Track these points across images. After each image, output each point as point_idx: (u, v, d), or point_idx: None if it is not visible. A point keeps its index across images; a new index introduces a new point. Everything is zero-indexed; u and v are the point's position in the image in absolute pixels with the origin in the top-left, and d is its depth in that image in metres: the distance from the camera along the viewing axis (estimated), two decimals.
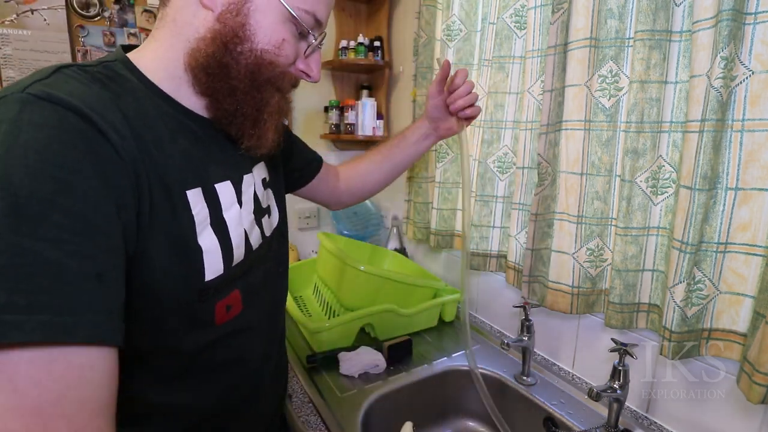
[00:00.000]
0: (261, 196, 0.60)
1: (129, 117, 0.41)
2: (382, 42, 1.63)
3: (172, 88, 0.48)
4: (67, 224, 0.33)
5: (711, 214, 0.65)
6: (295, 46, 0.52)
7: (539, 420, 0.87)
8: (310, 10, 0.50)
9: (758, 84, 0.60)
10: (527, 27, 0.96)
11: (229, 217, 0.51)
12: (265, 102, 0.51)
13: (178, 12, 0.48)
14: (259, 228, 0.59)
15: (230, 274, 0.52)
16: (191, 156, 0.48)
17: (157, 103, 0.47)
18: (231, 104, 0.49)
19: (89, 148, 0.36)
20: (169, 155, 0.45)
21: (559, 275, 0.88)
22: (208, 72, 0.47)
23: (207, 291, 0.48)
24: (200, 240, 0.46)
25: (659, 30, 0.72)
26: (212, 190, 0.49)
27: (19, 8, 1.26)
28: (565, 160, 0.85)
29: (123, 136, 0.39)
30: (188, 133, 0.49)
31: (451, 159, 1.24)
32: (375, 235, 1.78)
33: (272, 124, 0.52)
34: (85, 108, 0.36)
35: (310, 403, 0.88)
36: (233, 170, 0.53)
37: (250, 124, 0.51)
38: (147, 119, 0.44)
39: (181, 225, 0.45)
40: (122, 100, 0.42)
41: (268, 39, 0.48)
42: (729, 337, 0.67)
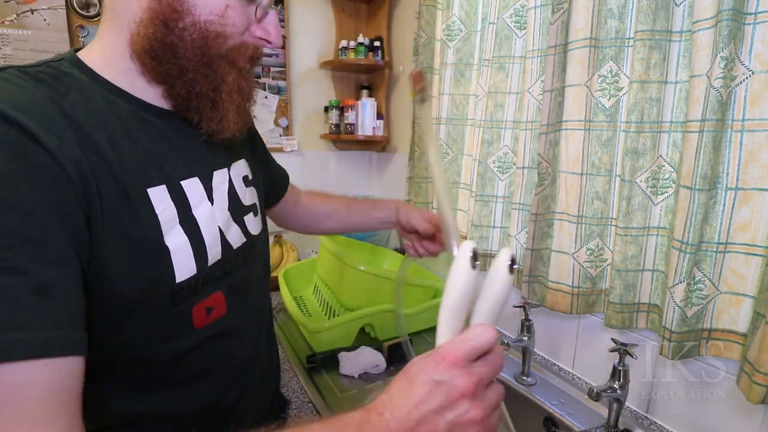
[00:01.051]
0: (242, 194, 0.57)
1: (75, 117, 0.39)
2: (382, 42, 1.64)
3: (126, 82, 0.45)
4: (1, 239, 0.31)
5: (711, 214, 0.65)
6: (242, 11, 0.47)
7: (539, 420, 0.87)
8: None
9: (758, 84, 0.60)
10: (527, 27, 0.96)
11: (199, 215, 0.48)
12: (221, 79, 0.47)
13: (115, 1, 0.45)
14: (240, 226, 0.56)
15: (208, 275, 0.49)
16: (153, 153, 0.45)
17: (111, 99, 0.44)
18: (183, 86, 0.46)
19: (21, 159, 0.33)
20: (128, 153, 0.42)
21: (559, 275, 0.88)
22: (152, 55, 0.44)
23: (180, 293, 0.46)
24: (167, 240, 0.44)
25: (659, 30, 0.72)
26: (178, 187, 0.46)
27: (19, 8, 1.26)
28: (565, 160, 0.85)
29: (61, 139, 0.36)
30: (149, 128, 0.46)
31: (451, 159, 1.25)
32: (375, 235, 1.78)
33: (232, 105, 0.49)
34: (16, 114, 0.34)
35: (310, 403, 0.88)
36: (201, 166, 0.50)
37: (208, 106, 0.48)
38: (99, 117, 0.41)
39: (143, 226, 0.42)
40: (68, 99, 0.40)
41: (209, 8, 0.44)
42: (729, 337, 0.67)
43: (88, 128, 0.39)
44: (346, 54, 1.63)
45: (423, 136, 0.41)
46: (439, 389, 0.32)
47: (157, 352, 0.46)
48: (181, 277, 0.45)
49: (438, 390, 0.32)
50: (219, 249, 0.51)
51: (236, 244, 0.54)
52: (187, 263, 0.46)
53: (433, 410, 0.32)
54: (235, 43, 0.47)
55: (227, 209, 0.53)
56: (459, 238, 0.41)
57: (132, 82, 0.46)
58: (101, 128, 0.41)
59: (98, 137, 0.40)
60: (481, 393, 0.33)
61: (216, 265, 0.50)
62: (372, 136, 1.66)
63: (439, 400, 0.32)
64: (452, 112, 1.23)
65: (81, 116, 0.39)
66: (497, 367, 0.35)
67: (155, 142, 0.46)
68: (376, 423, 0.33)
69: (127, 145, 0.42)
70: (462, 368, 0.33)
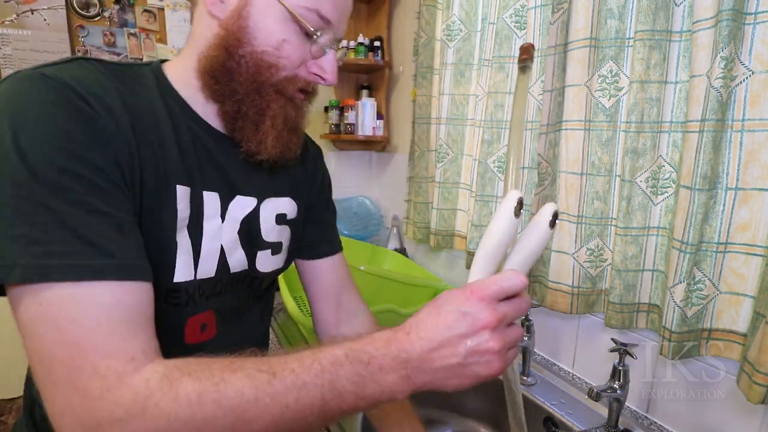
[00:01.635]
0: (266, 228, 0.58)
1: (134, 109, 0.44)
2: (382, 42, 1.64)
3: (189, 95, 0.51)
4: (80, 188, 0.37)
5: (711, 214, 0.65)
6: (299, 48, 0.50)
7: (539, 420, 0.87)
8: (311, 6, 0.48)
9: (758, 84, 0.60)
10: (527, 27, 0.96)
11: (207, 228, 0.51)
12: (266, 105, 0.50)
13: (195, 27, 0.52)
14: (247, 255, 0.57)
15: (202, 288, 0.51)
16: (190, 158, 0.49)
17: (171, 105, 0.49)
18: (232, 106, 0.50)
19: (93, 125, 0.39)
20: (170, 150, 0.47)
21: (559, 275, 0.88)
22: (213, 75, 0.49)
23: (176, 294, 0.48)
24: (178, 237, 0.47)
25: (659, 30, 0.72)
26: (199, 195, 0.50)
27: (19, 8, 1.26)
28: (565, 160, 0.85)
29: (118, 118, 0.41)
30: (194, 138, 0.50)
31: (451, 159, 1.25)
32: (375, 235, 1.78)
33: (274, 130, 0.51)
34: (82, 90, 0.39)
35: None
36: (226, 186, 0.53)
37: (251, 128, 0.51)
38: (154, 116, 0.46)
39: (163, 215, 0.46)
40: (133, 94, 0.45)
41: (268, 41, 0.48)
42: (729, 337, 0.67)
43: (142, 120, 0.45)
44: (346, 54, 1.63)
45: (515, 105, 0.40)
46: (465, 318, 0.36)
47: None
48: (179, 278, 0.48)
49: (464, 319, 0.36)
50: (214, 266, 0.53)
51: (235, 269, 0.56)
52: (186, 267, 0.48)
53: (456, 335, 0.36)
54: (288, 74, 0.51)
55: (237, 232, 0.55)
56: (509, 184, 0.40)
57: (194, 96, 0.51)
58: (154, 123, 0.46)
59: (150, 128, 0.45)
60: (501, 329, 0.37)
61: (208, 282, 0.52)
62: (372, 136, 1.66)
63: (464, 327, 0.36)
64: (452, 112, 1.23)
65: (139, 109, 0.45)
66: (521, 310, 0.38)
67: (195, 150, 0.50)
68: (402, 340, 0.37)
69: (171, 143, 0.47)
70: (488, 304, 0.36)
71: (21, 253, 0.34)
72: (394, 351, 0.37)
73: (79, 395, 0.34)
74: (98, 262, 0.36)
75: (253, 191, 0.56)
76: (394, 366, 0.37)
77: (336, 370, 0.36)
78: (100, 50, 1.37)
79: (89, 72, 0.43)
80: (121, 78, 0.45)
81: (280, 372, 0.36)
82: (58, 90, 0.39)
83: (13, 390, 1.39)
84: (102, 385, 0.34)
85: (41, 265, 0.34)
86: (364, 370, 0.37)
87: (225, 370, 0.36)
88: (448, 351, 0.36)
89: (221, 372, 0.36)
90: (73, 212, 0.36)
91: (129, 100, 0.44)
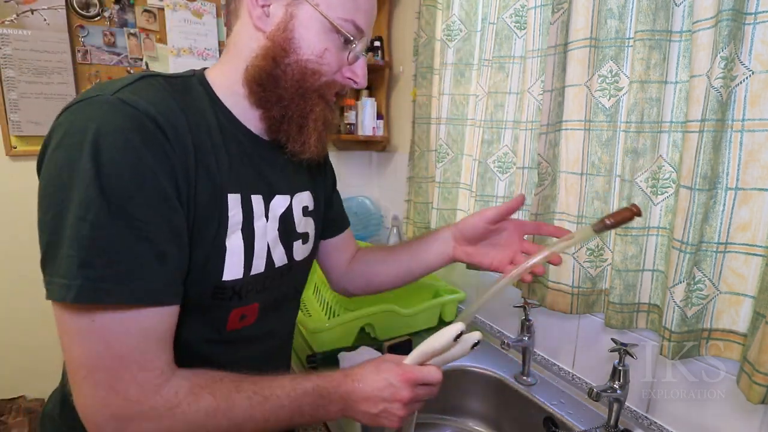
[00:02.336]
0: (297, 221, 0.64)
1: (191, 124, 0.48)
2: (382, 42, 1.64)
3: (232, 103, 0.55)
4: (142, 214, 0.42)
5: (711, 214, 0.65)
6: (338, 55, 0.55)
7: (539, 420, 0.87)
8: (348, 18, 0.53)
9: (758, 84, 0.60)
10: (527, 27, 0.96)
11: (257, 227, 0.56)
12: (310, 109, 0.55)
13: (238, 37, 0.55)
14: (285, 248, 0.61)
15: (251, 283, 0.56)
16: (238, 164, 0.54)
17: (218, 115, 0.54)
18: (278, 111, 0.54)
19: (159, 149, 0.43)
20: (222, 161, 0.51)
21: (559, 275, 0.88)
22: (260, 83, 0.53)
23: (223, 292, 0.53)
24: (228, 241, 0.52)
25: (659, 30, 0.71)
26: (248, 199, 0.54)
27: (19, 8, 1.26)
28: (565, 160, 0.85)
29: (183, 139, 0.46)
30: (239, 145, 0.55)
31: (451, 159, 1.24)
32: (375, 235, 1.78)
33: (315, 131, 0.56)
34: (157, 115, 0.44)
35: None
36: (267, 187, 0.58)
37: (295, 130, 0.55)
38: (208, 129, 0.51)
39: (214, 223, 0.50)
40: (190, 110, 0.50)
41: (312, 50, 0.53)
42: (729, 337, 0.67)
43: (201, 134, 0.49)
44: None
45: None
46: (390, 388, 0.52)
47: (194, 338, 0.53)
48: (228, 277, 0.53)
49: (390, 388, 0.52)
50: (263, 262, 0.57)
51: (278, 263, 0.60)
52: (236, 266, 0.53)
53: (380, 397, 0.52)
54: (327, 80, 0.55)
55: (277, 230, 0.59)
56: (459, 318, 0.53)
57: (238, 104, 0.55)
58: (207, 137, 0.50)
59: (205, 143, 0.50)
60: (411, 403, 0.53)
61: (258, 277, 0.57)
62: (372, 136, 1.66)
63: (387, 394, 0.52)
64: (452, 112, 1.23)
65: (198, 124, 0.50)
66: (432, 394, 0.54)
67: (241, 158, 0.55)
68: (348, 385, 0.52)
69: (222, 154, 0.52)
70: (410, 386, 0.52)
71: (75, 275, 0.39)
72: (341, 392, 0.52)
73: (120, 398, 0.42)
74: (143, 288, 0.42)
75: (287, 188, 0.61)
76: (338, 401, 0.52)
77: (303, 399, 0.50)
78: (100, 50, 1.37)
79: (158, 92, 0.47)
80: (179, 93, 0.50)
81: (269, 396, 0.49)
82: (134, 117, 0.42)
83: (13, 390, 1.39)
84: (140, 392, 0.43)
85: (96, 288, 0.39)
86: (320, 401, 0.51)
87: (232, 390, 0.47)
88: (372, 403, 0.52)
89: (230, 392, 0.47)
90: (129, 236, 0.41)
91: (190, 116, 0.48)
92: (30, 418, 1.31)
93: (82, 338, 0.41)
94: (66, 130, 0.42)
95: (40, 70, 1.30)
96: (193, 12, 1.50)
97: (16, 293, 1.36)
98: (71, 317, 0.41)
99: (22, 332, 1.38)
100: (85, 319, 0.41)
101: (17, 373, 1.37)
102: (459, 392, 1.01)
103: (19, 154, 1.31)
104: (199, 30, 1.51)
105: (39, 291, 0.41)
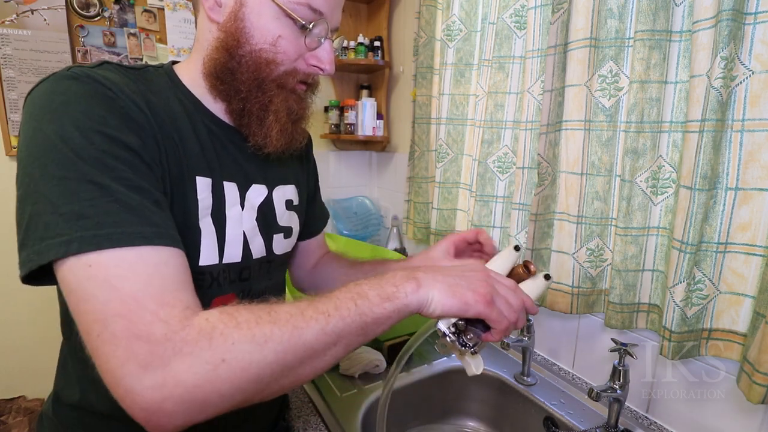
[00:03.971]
0: (279, 214, 0.63)
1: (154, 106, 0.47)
2: (382, 42, 1.64)
3: (200, 94, 0.55)
4: (121, 166, 0.41)
5: (711, 214, 0.65)
6: (295, 42, 0.52)
7: (539, 420, 0.87)
8: (302, 1, 0.50)
9: (758, 84, 0.60)
10: (527, 27, 0.96)
11: (230, 215, 0.54)
12: (269, 100, 0.53)
13: (200, 31, 0.55)
14: (265, 241, 0.60)
15: (227, 271, 0.55)
16: (208, 151, 0.53)
17: (186, 103, 0.53)
18: (238, 104, 0.53)
19: (125, 114, 0.44)
20: (189, 144, 0.51)
21: (559, 275, 0.88)
22: (217, 76, 0.52)
23: (202, 278, 0.52)
24: (200, 223, 0.51)
25: (659, 30, 0.72)
26: (220, 185, 0.53)
27: (19, 8, 1.26)
28: (565, 160, 0.85)
29: (145, 112, 0.46)
30: (209, 132, 0.54)
31: (451, 159, 1.25)
32: (375, 235, 1.78)
33: (277, 123, 0.54)
34: (112, 86, 0.44)
35: (311, 403, 0.88)
36: (242, 175, 0.57)
37: (256, 123, 0.54)
38: (171, 113, 0.50)
39: (186, 204, 0.49)
40: (152, 92, 0.49)
41: (265, 38, 0.51)
42: (729, 337, 0.67)
43: (162, 117, 0.48)
44: (346, 54, 1.63)
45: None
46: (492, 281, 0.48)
47: None
48: (204, 261, 0.52)
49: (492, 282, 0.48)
50: (239, 251, 0.56)
51: (257, 255, 0.59)
52: (211, 251, 0.52)
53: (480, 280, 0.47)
54: (287, 69, 0.53)
55: (255, 219, 0.58)
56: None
57: (204, 96, 0.55)
58: (172, 120, 0.50)
59: (169, 125, 0.49)
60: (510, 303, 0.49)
61: (234, 267, 0.56)
62: (372, 136, 1.66)
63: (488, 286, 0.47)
64: (452, 112, 1.23)
65: (159, 107, 0.48)
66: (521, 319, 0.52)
67: (212, 144, 0.54)
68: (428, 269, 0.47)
69: (190, 138, 0.51)
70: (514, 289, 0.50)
71: (74, 228, 0.38)
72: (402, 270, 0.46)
73: (143, 341, 0.36)
74: (146, 229, 0.40)
75: (264, 180, 0.60)
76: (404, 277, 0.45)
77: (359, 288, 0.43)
78: (100, 50, 1.37)
79: (114, 74, 0.46)
80: (140, 79, 0.49)
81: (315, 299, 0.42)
82: (92, 85, 0.43)
83: (13, 390, 1.39)
84: (166, 328, 0.36)
85: (95, 235, 0.38)
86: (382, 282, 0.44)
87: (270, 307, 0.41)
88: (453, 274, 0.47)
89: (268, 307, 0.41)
90: (117, 187, 0.40)
91: (150, 99, 0.48)
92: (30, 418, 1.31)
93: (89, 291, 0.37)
94: (33, 103, 0.43)
95: (40, 70, 1.30)
96: (193, 12, 1.50)
97: (16, 293, 1.36)
98: (75, 274, 0.38)
99: (22, 332, 1.38)
100: (91, 270, 0.38)
101: (17, 373, 1.37)
102: (459, 392, 1.01)
103: None
104: None
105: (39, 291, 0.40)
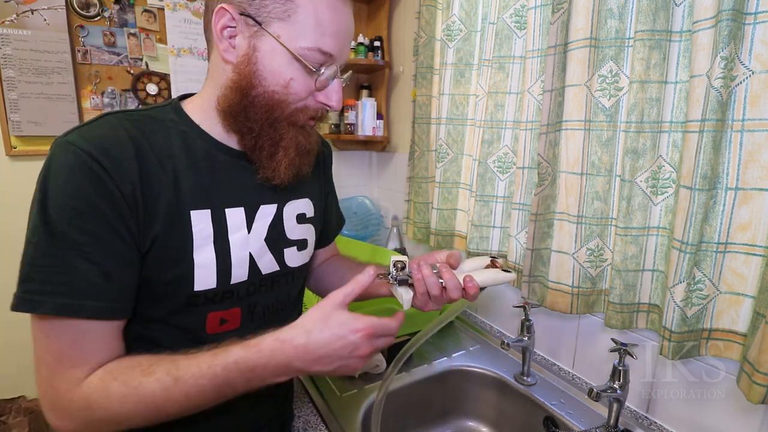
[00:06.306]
0: (290, 229, 0.65)
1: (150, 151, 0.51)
2: (382, 42, 1.63)
3: (210, 126, 0.58)
4: (82, 239, 0.46)
5: (711, 214, 0.65)
6: (305, 83, 0.55)
7: (539, 420, 0.87)
8: (312, 46, 0.53)
9: (758, 84, 0.60)
10: (527, 27, 0.96)
11: (234, 240, 0.57)
12: (280, 137, 0.56)
13: (212, 67, 0.58)
14: (275, 256, 0.62)
15: (230, 291, 0.57)
16: (208, 182, 0.55)
17: (191, 137, 0.56)
18: (250, 140, 0.56)
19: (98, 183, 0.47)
20: (186, 181, 0.53)
21: (559, 275, 0.88)
22: (230, 114, 0.55)
23: (196, 299, 0.55)
24: (196, 254, 0.53)
25: (659, 30, 0.71)
26: (221, 213, 0.56)
27: (19, 8, 1.26)
28: (565, 160, 0.85)
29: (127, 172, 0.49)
30: (214, 162, 0.57)
31: (451, 159, 1.24)
32: (375, 235, 1.78)
33: (286, 158, 0.57)
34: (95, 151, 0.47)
35: (311, 403, 0.88)
36: (251, 198, 0.59)
37: (266, 157, 0.57)
38: (171, 151, 0.53)
39: (181, 238, 0.53)
40: (151, 137, 0.52)
41: (277, 81, 0.53)
42: (729, 337, 0.67)
43: (154, 161, 0.51)
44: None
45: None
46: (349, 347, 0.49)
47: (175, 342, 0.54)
48: (200, 287, 0.54)
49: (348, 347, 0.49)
50: (245, 271, 0.59)
51: (266, 271, 0.62)
52: (208, 278, 0.55)
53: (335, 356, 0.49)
54: (297, 107, 0.56)
55: (263, 239, 0.61)
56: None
57: (214, 127, 0.58)
58: (169, 159, 0.53)
59: (161, 167, 0.52)
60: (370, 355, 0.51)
61: (241, 285, 0.59)
62: (372, 136, 1.66)
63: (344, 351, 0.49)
64: (452, 112, 1.23)
65: (156, 150, 0.52)
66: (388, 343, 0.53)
67: (214, 174, 0.56)
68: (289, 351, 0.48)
69: (187, 174, 0.54)
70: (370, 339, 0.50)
71: (21, 289, 0.46)
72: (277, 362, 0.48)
73: (53, 390, 0.48)
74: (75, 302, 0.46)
75: (274, 198, 0.62)
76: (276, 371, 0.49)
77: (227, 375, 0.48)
78: (100, 50, 1.37)
79: (110, 129, 0.50)
80: (142, 124, 0.53)
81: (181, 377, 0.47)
82: (76, 155, 0.47)
83: (13, 390, 1.39)
84: (66, 386, 0.48)
85: (30, 300, 0.46)
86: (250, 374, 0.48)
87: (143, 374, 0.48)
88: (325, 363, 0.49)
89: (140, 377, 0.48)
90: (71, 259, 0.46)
91: (144, 145, 0.51)
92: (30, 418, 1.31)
93: (35, 338, 0.49)
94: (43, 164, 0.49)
95: (40, 70, 1.29)
96: (193, 12, 1.49)
97: None
98: (32, 322, 0.48)
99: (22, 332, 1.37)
100: (37, 323, 0.48)
101: (17, 373, 1.37)
102: (459, 392, 1.01)
103: (18, 154, 1.31)
104: (199, 30, 1.50)
105: None
